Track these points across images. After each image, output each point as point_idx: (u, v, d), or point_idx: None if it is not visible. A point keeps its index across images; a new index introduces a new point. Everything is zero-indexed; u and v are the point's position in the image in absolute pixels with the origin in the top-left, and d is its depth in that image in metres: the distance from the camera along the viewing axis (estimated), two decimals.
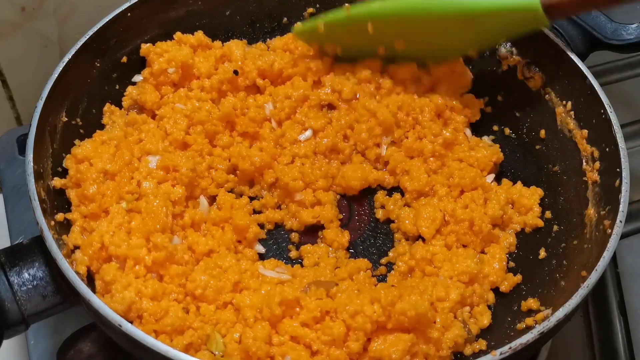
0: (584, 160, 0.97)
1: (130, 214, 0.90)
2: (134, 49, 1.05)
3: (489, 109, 1.10)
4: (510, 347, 0.77)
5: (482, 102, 1.09)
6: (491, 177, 1.03)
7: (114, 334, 0.79)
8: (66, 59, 0.95)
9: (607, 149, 0.93)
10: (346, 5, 1.05)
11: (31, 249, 0.86)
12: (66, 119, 0.96)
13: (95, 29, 0.99)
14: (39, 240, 0.85)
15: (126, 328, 0.76)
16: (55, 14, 1.16)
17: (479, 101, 1.08)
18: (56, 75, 0.94)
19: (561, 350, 1.04)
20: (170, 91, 1.03)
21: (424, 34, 1.00)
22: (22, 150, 1.18)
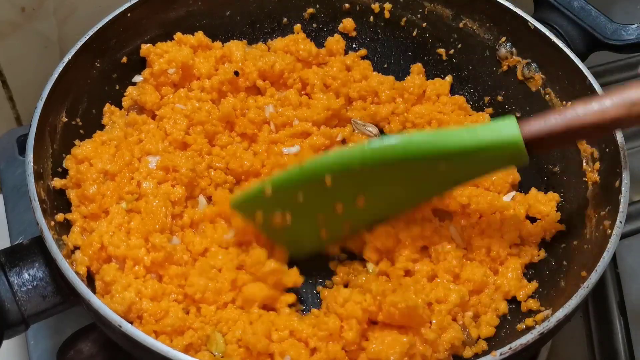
0: (584, 161, 0.97)
1: (130, 214, 0.90)
2: (134, 49, 1.05)
3: (489, 109, 1.10)
4: (510, 348, 0.77)
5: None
6: (510, 195, 1.00)
7: (114, 334, 0.79)
8: (66, 59, 0.95)
9: (607, 149, 0.93)
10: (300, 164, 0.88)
11: (31, 249, 0.86)
12: (66, 119, 0.96)
13: (95, 29, 0.99)
14: (39, 241, 0.85)
15: (126, 328, 0.76)
16: (55, 14, 1.16)
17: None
18: (56, 76, 0.93)
19: (561, 351, 1.04)
20: (171, 91, 1.03)
21: (390, 182, 0.86)
22: (22, 151, 1.18)
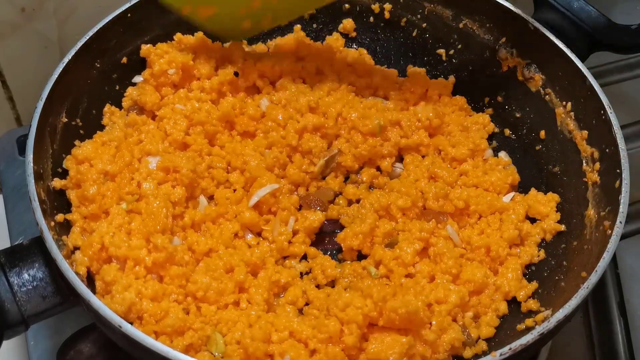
0: (584, 161, 0.97)
1: (131, 215, 0.90)
2: (134, 50, 1.05)
3: (489, 110, 1.10)
4: (510, 348, 0.77)
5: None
6: (509, 196, 1.00)
7: (114, 334, 0.79)
8: (66, 60, 0.95)
9: (607, 149, 0.93)
10: None
11: (31, 249, 0.86)
12: (66, 119, 0.96)
13: (95, 30, 0.99)
14: (38, 241, 0.85)
15: (126, 329, 0.76)
16: (56, 14, 1.16)
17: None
18: (56, 76, 0.94)
19: (561, 351, 1.04)
20: (171, 92, 1.03)
21: None
22: (22, 151, 1.18)
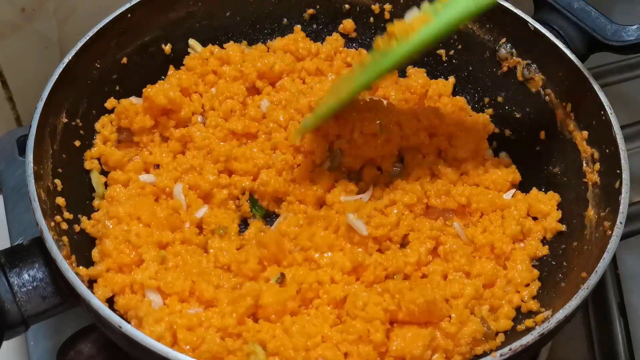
0: (584, 162, 0.97)
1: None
2: (134, 50, 1.05)
3: (489, 110, 1.10)
4: (511, 349, 0.77)
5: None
6: (510, 193, 1.01)
7: (114, 335, 0.79)
8: (66, 60, 0.95)
9: (607, 150, 0.93)
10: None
11: (31, 250, 0.86)
12: (66, 120, 0.96)
13: (95, 30, 0.99)
14: (38, 241, 0.85)
15: (126, 329, 0.76)
16: (56, 14, 1.16)
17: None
18: (56, 76, 0.93)
19: (561, 352, 1.04)
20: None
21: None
22: (22, 151, 1.18)
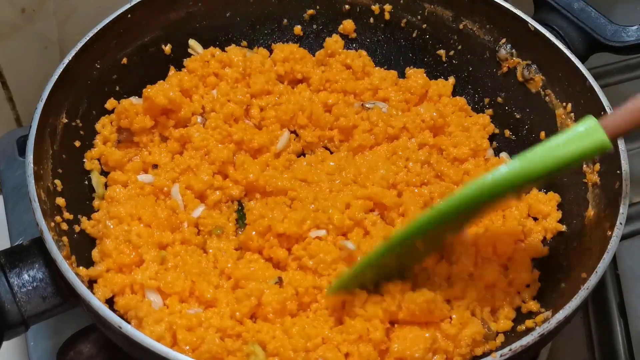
0: (583, 162, 0.97)
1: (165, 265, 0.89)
2: (134, 50, 1.05)
3: (489, 110, 1.10)
4: (511, 349, 0.77)
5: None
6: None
7: (114, 335, 0.79)
8: (66, 60, 0.95)
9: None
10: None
11: (31, 250, 0.86)
12: (66, 120, 0.96)
13: (95, 30, 0.99)
14: (38, 242, 0.85)
15: (126, 329, 0.76)
16: (56, 15, 1.16)
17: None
18: (56, 77, 0.93)
19: (561, 352, 1.04)
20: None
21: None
22: (22, 152, 1.18)
